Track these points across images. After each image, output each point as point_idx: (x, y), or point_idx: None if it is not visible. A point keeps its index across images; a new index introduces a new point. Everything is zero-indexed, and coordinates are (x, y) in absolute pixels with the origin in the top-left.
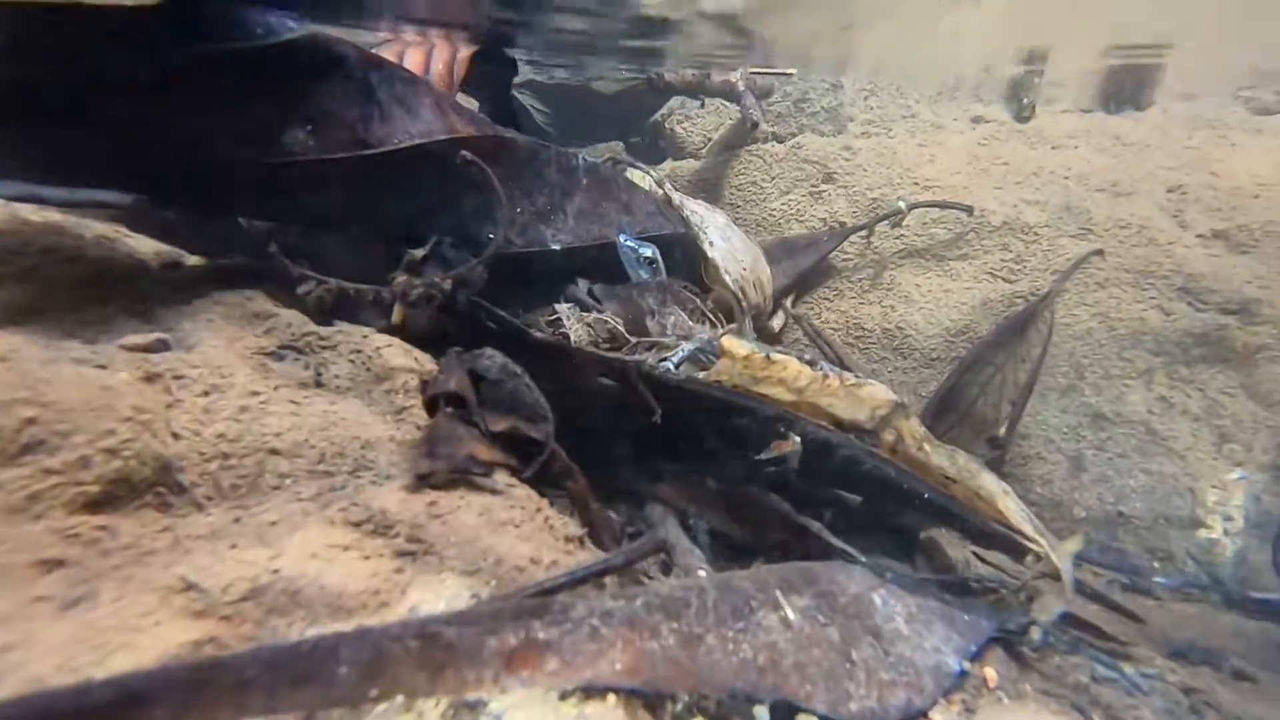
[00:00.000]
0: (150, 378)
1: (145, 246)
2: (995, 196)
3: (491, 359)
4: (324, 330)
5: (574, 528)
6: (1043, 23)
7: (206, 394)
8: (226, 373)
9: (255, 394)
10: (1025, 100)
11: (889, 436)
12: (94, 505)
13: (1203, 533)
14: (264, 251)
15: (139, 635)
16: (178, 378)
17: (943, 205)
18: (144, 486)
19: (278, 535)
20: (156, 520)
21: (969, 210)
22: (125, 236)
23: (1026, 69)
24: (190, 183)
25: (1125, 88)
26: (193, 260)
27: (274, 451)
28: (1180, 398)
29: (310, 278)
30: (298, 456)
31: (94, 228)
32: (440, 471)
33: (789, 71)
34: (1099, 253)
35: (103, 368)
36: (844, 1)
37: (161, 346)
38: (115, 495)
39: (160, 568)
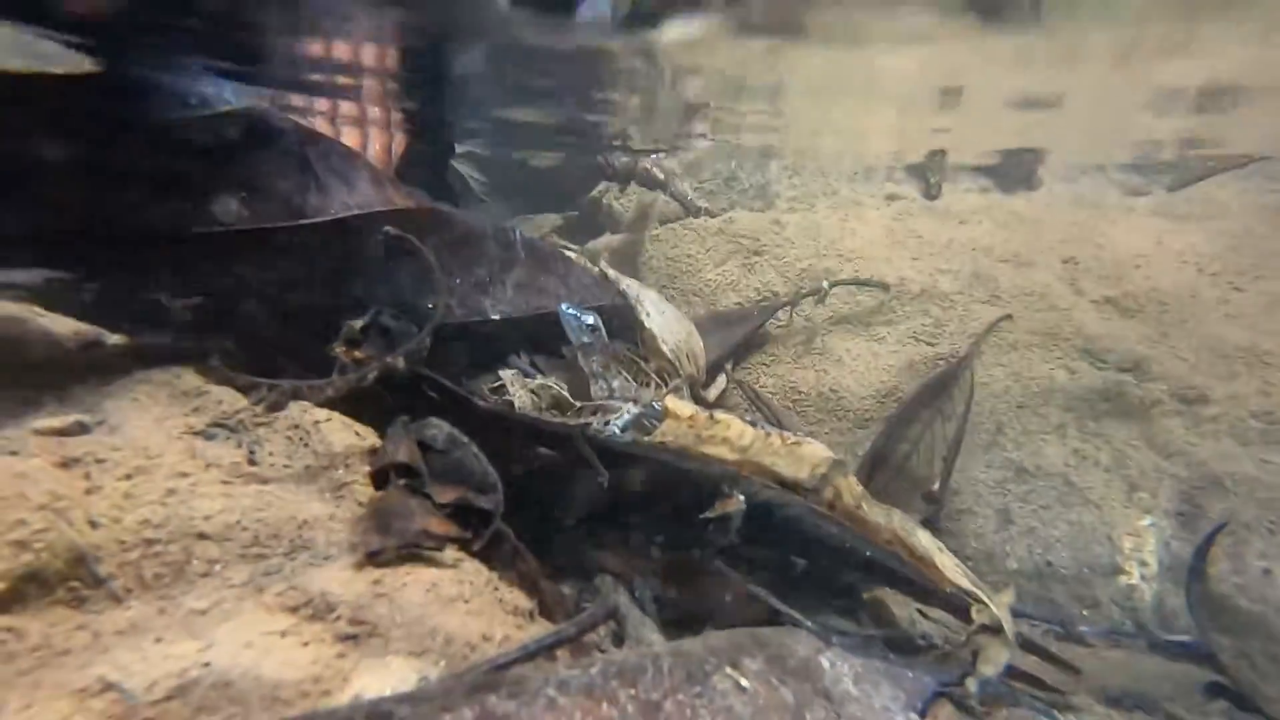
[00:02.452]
0: (67, 463)
1: (62, 326)
2: (913, 266)
3: (438, 429)
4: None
5: (525, 600)
6: (944, 123)
7: (129, 477)
8: (152, 454)
9: (183, 475)
10: (932, 180)
11: (828, 494)
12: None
13: (1123, 579)
14: (193, 329)
15: None
16: (98, 461)
17: (861, 284)
18: (56, 581)
19: (207, 625)
20: (69, 617)
21: (885, 288)
22: (39, 316)
23: (932, 153)
24: (117, 254)
25: (1017, 171)
26: (115, 339)
27: (202, 536)
28: (1091, 450)
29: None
30: (228, 540)
31: (4, 308)
32: (391, 548)
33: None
34: (1008, 317)
35: (14, 454)
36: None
37: (80, 429)
38: (23, 593)
39: (75, 669)
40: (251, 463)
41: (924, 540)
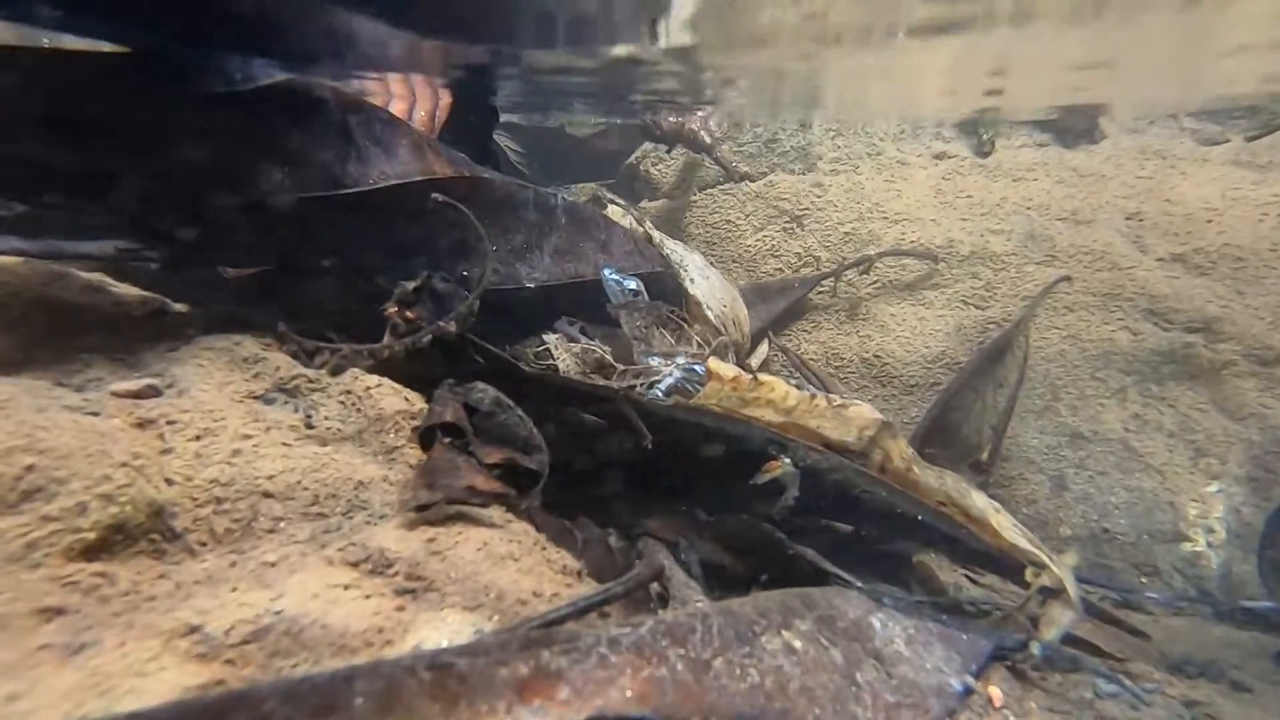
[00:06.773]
0: (142, 423)
1: (130, 295)
2: (962, 227)
3: (484, 392)
4: (312, 373)
5: (572, 560)
6: (997, 66)
7: (198, 438)
8: (218, 417)
9: (247, 437)
10: (985, 136)
11: (877, 456)
12: (91, 552)
13: (1186, 546)
14: (248, 298)
15: (145, 680)
16: (170, 423)
17: (909, 254)
18: (139, 533)
19: (276, 577)
20: (152, 567)
21: (934, 259)
22: (110, 286)
23: (985, 108)
24: (167, 226)
25: (1077, 122)
26: (178, 307)
27: (267, 494)
28: (1154, 415)
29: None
30: (290, 499)
31: (79, 278)
32: (439, 503)
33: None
34: (1066, 278)
35: (95, 414)
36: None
37: (151, 392)
38: (111, 542)
39: (161, 613)
40: (308, 426)
41: (979, 502)
